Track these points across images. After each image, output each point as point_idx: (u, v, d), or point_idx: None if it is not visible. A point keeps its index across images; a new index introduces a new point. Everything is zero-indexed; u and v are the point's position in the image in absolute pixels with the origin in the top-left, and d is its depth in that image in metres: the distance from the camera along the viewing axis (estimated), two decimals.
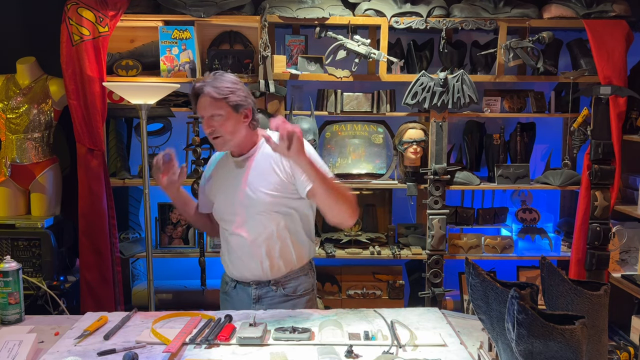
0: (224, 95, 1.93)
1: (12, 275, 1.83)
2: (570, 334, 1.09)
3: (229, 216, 2.03)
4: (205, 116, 1.94)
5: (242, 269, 2.04)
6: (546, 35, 2.95)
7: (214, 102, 1.92)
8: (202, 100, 1.94)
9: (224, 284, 2.15)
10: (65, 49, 2.80)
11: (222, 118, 1.93)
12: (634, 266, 3.14)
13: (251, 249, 1.99)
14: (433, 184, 3.06)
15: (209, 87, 1.92)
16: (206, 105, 1.93)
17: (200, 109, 1.95)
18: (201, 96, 1.94)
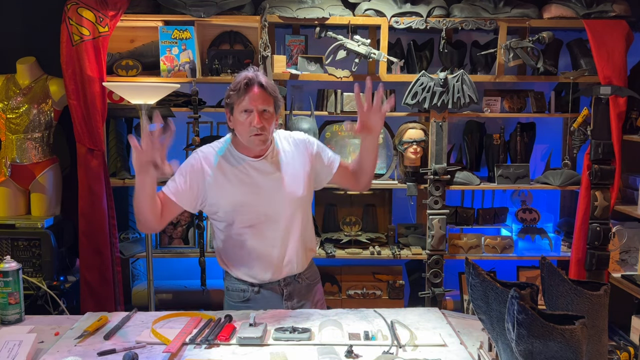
0: (276, 94, 1.91)
1: (12, 275, 1.83)
2: (570, 334, 1.09)
3: (253, 219, 1.93)
4: (256, 109, 1.85)
5: (269, 269, 1.98)
6: (546, 35, 2.95)
7: (267, 97, 1.87)
8: (256, 92, 1.85)
9: (239, 292, 2.03)
10: (65, 49, 2.80)
11: (270, 115, 1.89)
12: (634, 266, 3.14)
13: (281, 248, 1.97)
14: (433, 184, 3.06)
15: (263, 79, 1.87)
16: (260, 98, 1.85)
17: (253, 99, 1.85)
18: (255, 86, 1.85)
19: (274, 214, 1.95)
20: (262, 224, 1.95)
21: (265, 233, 1.95)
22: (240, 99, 1.86)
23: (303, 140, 2.05)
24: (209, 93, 3.16)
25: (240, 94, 1.86)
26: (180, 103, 3.00)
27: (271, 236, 1.96)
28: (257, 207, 1.94)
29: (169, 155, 3.37)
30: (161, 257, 3.16)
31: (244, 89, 1.85)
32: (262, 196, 1.94)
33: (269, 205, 1.94)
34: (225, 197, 1.93)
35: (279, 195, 1.95)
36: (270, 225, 1.95)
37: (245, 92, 1.85)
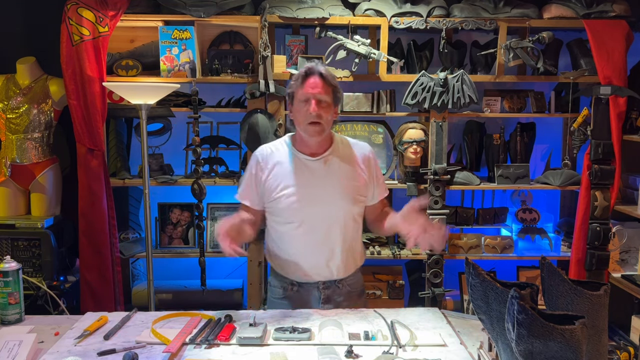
0: (335, 85, 1.93)
1: (12, 275, 1.83)
2: (570, 334, 1.09)
3: (303, 218, 1.97)
4: (314, 97, 1.88)
5: (311, 270, 2.01)
6: (546, 35, 2.95)
7: (326, 87, 1.90)
8: (314, 80, 1.89)
9: (279, 289, 2.07)
10: (65, 49, 2.80)
11: (327, 104, 1.91)
12: (634, 266, 3.14)
13: (326, 250, 1.99)
14: (433, 184, 3.06)
15: (323, 69, 1.91)
16: (318, 85, 1.89)
17: (310, 87, 1.89)
18: (313, 75, 1.90)
19: (321, 216, 1.97)
20: (309, 223, 1.97)
21: (311, 233, 1.98)
22: (299, 87, 1.91)
23: (366, 152, 2.08)
24: (209, 93, 3.16)
25: (299, 83, 1.91)
26: (180, 103, 3.00)
27: (316, 237, 1.98)
28: (305, 206, 1.96)
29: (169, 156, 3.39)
30: (161, 257, 3.16)
31: (303, 77, 1.91)
32: (312, 196, 1.96)
33: (318, 206, 1.97)
34: (278, 192, 1.97)
35: (330, 197, 1.97)
36: (316, 226, 1.97)
37: (304, 80, 1.91)
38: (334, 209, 1.97)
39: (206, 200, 3.09)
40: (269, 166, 2.00)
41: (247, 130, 2.95)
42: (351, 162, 2.02)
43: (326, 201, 1.97)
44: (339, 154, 2.02)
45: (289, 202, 1.96)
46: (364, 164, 2.04)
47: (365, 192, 2.04)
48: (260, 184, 2.01)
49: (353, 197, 2.00)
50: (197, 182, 2.97)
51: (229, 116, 3.20)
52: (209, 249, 3.18)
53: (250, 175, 2.04)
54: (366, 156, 2.06)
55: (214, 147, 3.23)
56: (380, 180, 2.10)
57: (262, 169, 2.01)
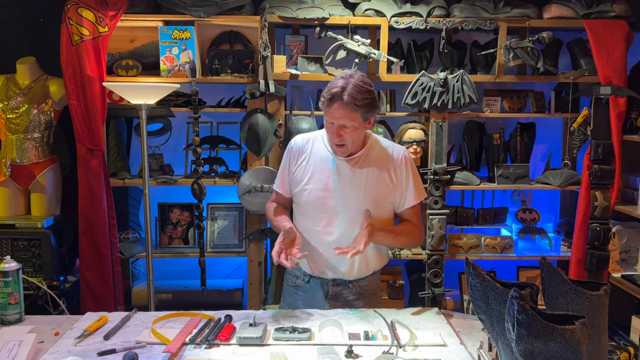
0: (364, 105, 1.87)
1: (12, 275, 1.83)
2: (570, 334, 1.09)
3: (324, 215, 1.98)
4: (335, 123, 1.88)
5: (323, 266, 2.03)
6: (546, 35, 2.95)
7: (350, 114, 1.86)
8: (337, 107, 1.86)
9: (293, 277, 2.12)
10: (65, 49, 2.80)
11: (353, 128, 1.89)
12: (634, 266, 3.14)
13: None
14: (433, 184, 3.06)
15: (348, 95, 1.84)
16: (341, 115, 1.86)
17: (333, 115, 1.87)
18: (337, 102, 1.85)
19: (341, 213, 1.97)
20: (326, 222, 1.99)
21: (330, 230, 1.99)
22: (325, 109, 1.91)
23: (400, 155, 2.05)
24: (209, 93, 3.16)
25: (325, 105, 1.90)
26: (180, 103, 3.00)
27: (333, 235, 1.99)
28: (326, 204, 1.98)
29: (169, 156, 3.39)
30: (161, 257, 3.16)
31: (328, 102, 1.88)
32: (334, 196, 1.97)
33: (338, 207, 1.97)
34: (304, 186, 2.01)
35: (352, 200, 1.97)
36: (333, 226, 1.99)
37: (329, 105, 1.88)
38: (355, 210, 1.97)
39: (206, 200, 3.09)
40: (301, 157, 2.04)
41: (247, 130, 2.95)
42: (380, 166, 2.00)
43: (346, 202, 1.97)
44: (370, 156, 2.01)
45: (310, 197, 1.99)
46: (395, 168, 2.02)
47: (391, 198, 2.02)
48: (291, 174, 2.07)
49: (375, 202, 1.98)
50: (197, 182, 2.97)
51: (229, 116, 3.20)
52: (209, 249, 3.18)
53: (284, 164, 2.10)
54: (399, 160, 2.03)
55: (214, 147, 3.23)
56: (411, 188, 2.04)
57: (294, 158, 2.06)
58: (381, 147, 2.05)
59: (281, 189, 2.12)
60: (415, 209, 2.09)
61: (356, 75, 1.89)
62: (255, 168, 2.96)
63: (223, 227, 3.21)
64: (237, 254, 3.16)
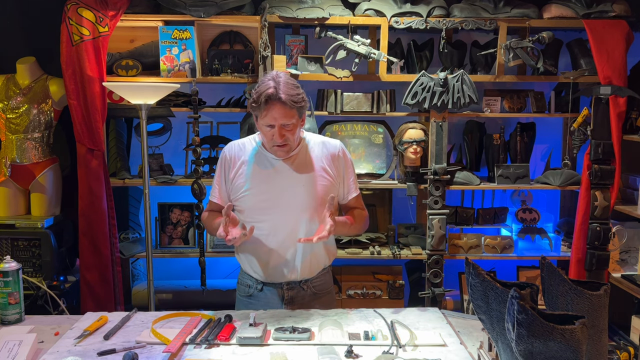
0: (299, 104, 1.87)
1: (12, 275, 1.83)
2: (570, 334, 1.09)
3: (267, 215, 1.96)
4: (276, 125, 1.85)
5: (274, 270, 2.00)
6: (546, 35, 2.95)
7: (288, 111, 1.84)
8: (275, 108, 1.82)
9: (245, 287, 2.07)
10: (65, 49, 2.80)
11: (292, 125, 1.88)
12: (634, 266, 3.14)
13: (289, 249, 1.97)
14: (433, 184, 3.06)
15: (283, 93, 1.83)
16: (280, 114, 1.83)
17: (271, 117, 1.84)
18: (274, 102, 1.82)
19: (286, 215, 1.95)
20: (273, 223, 1.96)
21: (275, 233, 1.97)
22: (262, 113, 1.86)
23: (337, 150, 2.04)
24: (209, 93, 3.16)
25: (261, 108, 1.85)
26: (180, 103, 3.00)
27: (280, 237, 1.97)
28: (270, 205, 1.95)
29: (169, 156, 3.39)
30: (161, 257, 3.16)
31: (264, 104, 1.84)
32: (277, 195, 1.95)
33: (283, 205, 1.95)
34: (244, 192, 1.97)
35: (295, 197, 1.95)
36: (280, 226, 1.96)
37: (266, 107, 1.84)
38: (298, 208, 1.95)
39: (206, 200, 3.08)
40: (237, 164, 2.00)
41: (247, 130, 2.95)
42: (318, 161, 2.00)
43: (289, 200, 1.95)
44: (306, 153, 2.00)
45: (252, 201, 1.96)
46: (334, 162, 2.02)
47: (332, 191, 2.00)
48: (228, 182, 2.01)
49: (319, 196, 1.97)
50: (197, 182, 2.97)
51: (229, 116, 3.20)
52: (209, 249, 3.18)
53: (219, 173, 2.04)
54: (336, 155, 2.03)
55: (214, 147, 3.23)
56: (351, 179, 2.07)
57: (229, 167, 2.01)
58: (316, 143, 2.04)
59: (218, 200, 2.05)
60: (359, 196, 2.11)
61: (282, 74, 1.90)
62: None
63: None
64: None
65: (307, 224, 1.96)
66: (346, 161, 2.05)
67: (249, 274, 2.06)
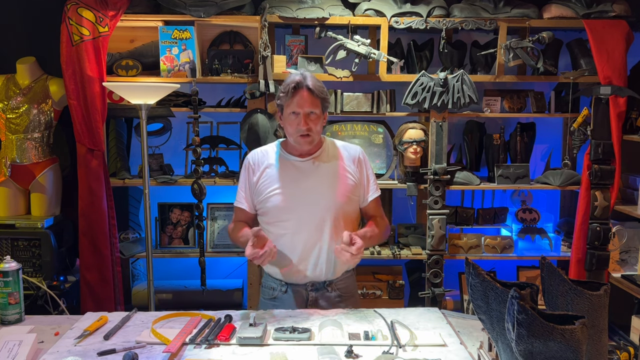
0: (323, 95, 1.96)
1: (12, 275, 1.83)
2: (570, 334, 1.09)
3: (292, 217, 1.99)
4: (303, 112, 1.92)
5: (298, 269, 2.02)
6: (546, 35, 2.95)
7: (314, 100, 1.93)
8: (302, 95, 1.92)
9: (269, 290, 2.09)
10: (65, 49, 2.80)
11: (316, 116, 1.95)
12: (634, 266, 3.14)
13: (314, 250, 1.99)
14: (433, 184, 3.06)
15: (311, 83, 1.93)
16: (306, 101, 1.92)
17: (299, 103, 1.92)
18: (301, 90, 1.92)
19: (311, 213, 1.98)
20: (298, 221, 1.99)
21: (300, 232, 1.99)
22: (289, 101, 1.94)
23: (357, 153, 2.11)
24: (209, 93, 3.16)
25: (288, 97, 1.94)
26: (180, 103, 3.00)
27: (305, 236, 1.99)
28: (295, 203, 1.99)
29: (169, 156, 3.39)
30: (161, 257, 3.16)
31: (292, 92, 1.93)
32: (301, 194, 1.99)
33: (308, 203, 1.98)
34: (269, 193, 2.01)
35: (319, 195, 1.99)
36: (305, 225, 1.99)
37: (293, 95, 1.93)
38: (323, 207, 1.99)
39: (206, 200, 3.09)
40: (260, 169, 2.05)
41: (247, 130, 2.95)
42: (340, 163, 2.05)
43: (315, 199, 1.98)
44: (328, 155, 2.06)
45: (278, 200, 1.99)
46: (355, 165, 2.08)
47: (355, 191, 2.06)
48: (253, 186, 2.06)
49: (343, 194, 2.01)
50: (197, 182, 2.97)
51: (229, 116, 3.20)
52: (209, 249, 3.18)
53: (244, 180, 2.09)
54: (357, 158, 2.09)
55: (214, 147, 3.23)
56: (372, 181, 2.12)
57: (253, 172, 2.06)
58: (336, 147, 2.10)
59: (245, 204, 2.09)
60: (378, 201, 2.15)
61: (308, 72, 1.99)
62: None
63: (223, 227, 3.21)
64: (237, 254, 3.16)
65: (331, 222, 1.99)
66: (367, 165, 2.12)
67: (272, 277, 2.09)
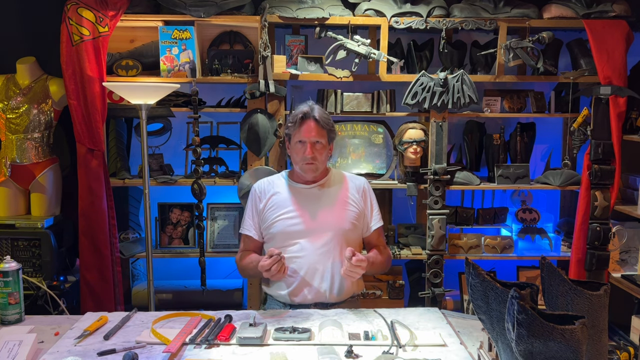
0: (330, 127, 2.09)
1: (12, 275, 1.83)
2: (570, 334, 1.09)
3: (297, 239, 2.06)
4: (309, 141, 2.05)
5: (305, 293, 2.05)
6: (546, 35, 2.95)
7: (321, 130, 2.06)
8: (310, 124, 2.06)
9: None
10: (65, 49, 2.80)
11: (321, 146, 2.07)
12: (634, 266, 3.14)
13: (319, 273, 2.04)
14: (433, 184, 3.06)
15: (318, 115, 2.05)
16: (313, 131, 2.06)
17: (306, 132, 2.05)
18: (309, 120, 2.06)
19: (316, 240, 2.05)
20: (304, 245, 2.05)
21: (306, 258, 2.04)
22: (296, 130, 2.07)
23: (362, 184, 2.21)
24: (209, 93, 3.16)
25: (296, 126, 2.08)
26: (180, 103, 3.00)
27: (311, 259, 2.04)
28: (301, 228, 2.06)
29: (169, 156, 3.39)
30: (161, 257, 3.16)
31: (300, 121, 2.07)
32: (307, 219, 2.07)
33: (313, 228, 2.06)
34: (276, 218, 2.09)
35: (324, 222, 2.07)
36: (311, 249, 2.05)
37: (301, 124, 2.07)
38: (328, 232, 2.06)
39: (206, 200, 3.09)
40: (267, 196, 2.14)
41: (247, 130, 2.95)
42: (346, 191, 2.15)
43: (321, 224, 2.06)
44: (334, 183, 2.16)
45: (284, 225, 2.07)
46: (359, 194, 2.17)
47: (359, 219, 2.14)
48: (260, 214, 2.14)
49: (347, 221, 2.10)
50: (197, 182, 2.97)
51: (229, 116, 3.20)
52: (209, 249, 3.18)
53: (251, 208, 2.19)
54: (361, 187, 2.20)
55: (214, 147, 3.23)
56: (375, 212, 2.21)
57: (260, 200, 2.15)
58: (342, 176, 2.21)
59: (252, 232, 2.16)
60: (381, 231, 2.24)
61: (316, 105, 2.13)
62: (256, 168, 2.96)
63: (223, 227, 3.21)
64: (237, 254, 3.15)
65: (336, 247, 2.06)
66: (371, 195, 2.23)
67: (276, 299, 2.12)
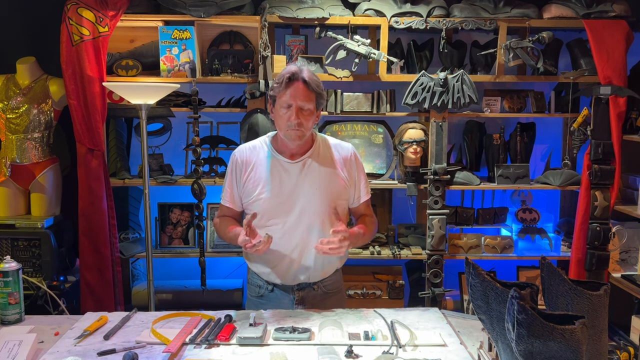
0: (319, 91, 1.90)
1: (12, 275, 1.83)
2: (570, 334, 1.09)
3: (280, 219, 1.95)
4: (295, 104, 1.85)
5: (286, 273, 2.00)
6: (546, 35, 2.95)
7: (309, 94, 1.87)
8: (297, 87, 1.85)
9: (256, 287, 2.07)
10: (65, 49, 2.80)
11: (309, 112, 1.89)
12: (634, 266, 3.14)
13: (302, 253, 1.97)
14: (433, 184, 3.06)
15: (307, 76, 1.86)
16: (301, 94, 1.85)
17: (292, 95, 1.85)
18: (297, 81, 1.85)
19: (298, 219, 1.95)
20: (286, 226, 1.96)
21: (288, 236, 1.96)
22: (282, 92, 1.87)
23: (348, 153, 2.05)
24: (209, 93, 3.16)
25: (282, 88, 1.86)
26: (180, 103, 3.00)
27: (293, 240, 1.97)
28: (283, 209, 1.95)
29: (169, 156, 3.39)
30: (161, 257, 3.16)
31: (287, 82, 1.85)
32: (289, 199, 1.95)
33: (295, 209, 1.95)
34: (257, 196, 1.96)
35: (307, 200, 1.95)
36: (293, 229, 1.96)
37: (287, 86, 1.86)
38: (312, 212, 1.96)
39: (206, 200, 3.09)
40: (248, 168, 1.99)
41: (247, 130, 2.95)
42: (331, 164, 2.00)
43: (303, 204, 1.95)
44: (319, 155, 2.00)
45: (266, 206, 1.95)
46: (346, 165, 2.02)
47: (345, 194, 2.03)
48: (240, 186, 2.01)
49: (331, 199, 1.98)
50: (197, 182, 2.97)
51: (229, 116, 3.20)
52: (209, 249, 3.18)
53: (230, 177, 2.04)
54: (348, 158, 2.03)
55: (214, 147, 3.23)
56: (362, 182, 2.07)
57: (240, 170, 2.01)
58: (328, 146, 2.04)
59: (230, 204, 2.05)
60: (369, 201, 2.12)
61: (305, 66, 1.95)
62: None
63: None
64: (237, 254, 3.16)
65: (320, 227, 1.97)
66: (358, 165, 2.06)
67: (258, 275, 2.06)
